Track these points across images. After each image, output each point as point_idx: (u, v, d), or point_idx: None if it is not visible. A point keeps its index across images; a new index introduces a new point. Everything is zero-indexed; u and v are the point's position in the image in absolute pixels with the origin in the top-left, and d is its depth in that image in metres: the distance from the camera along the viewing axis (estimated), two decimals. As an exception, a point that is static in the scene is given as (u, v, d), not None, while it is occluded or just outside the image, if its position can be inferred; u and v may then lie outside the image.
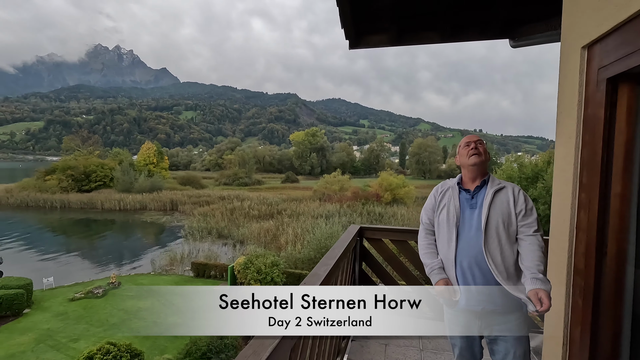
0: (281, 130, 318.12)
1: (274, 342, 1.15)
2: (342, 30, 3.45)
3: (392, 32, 3.33)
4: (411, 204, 39.51)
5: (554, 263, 1.81)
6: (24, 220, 37.85)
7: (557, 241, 1.78)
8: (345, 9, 3.13)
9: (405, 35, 3.28)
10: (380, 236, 3.11)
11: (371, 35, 3.49)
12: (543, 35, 2.85)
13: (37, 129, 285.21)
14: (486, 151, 1.88)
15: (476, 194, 1.84)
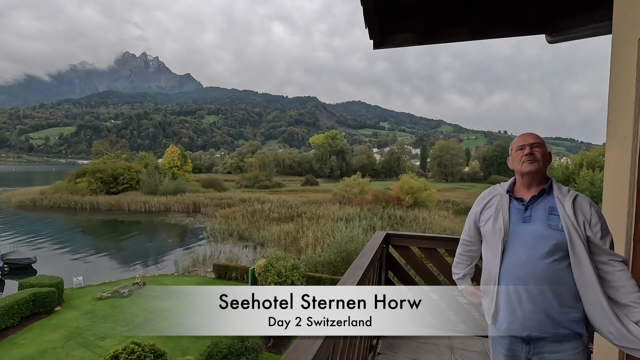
0: (301, 133, 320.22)
1: (318, 342, 1.07)
2: (366, 30, 3.35)
3: (419, 31, 3.20)
4: (433, 208, 38.72)
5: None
6: (56, 220, 39.63)
7: (610, 255, 1.60)
8: (369, 7, 3.03)
9: (432, 34, 3.14)
10: (407, 243, 2.98)
11: (396, 34, 3.37)
12: (586, 29, 2.65)
13: (69, 133, 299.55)
14: (546, 155, 1.58)
15: (531, 206, 1.57)
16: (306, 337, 1.14)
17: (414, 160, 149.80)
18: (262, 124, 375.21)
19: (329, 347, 1.17)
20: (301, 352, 1.01)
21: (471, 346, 2.79)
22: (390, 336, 2.82)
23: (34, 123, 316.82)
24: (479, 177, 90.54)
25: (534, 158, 1.55)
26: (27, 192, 54.52)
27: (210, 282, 18.10)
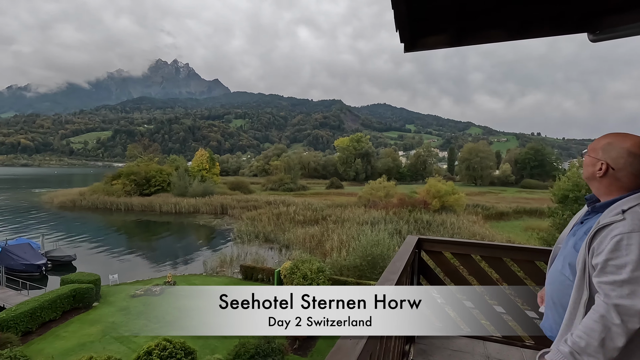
0: (326, 136, 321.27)
1: (360, 344, 1.08)
2: (397, 33, 3.34)
3: (452, 32, 3.14)
4: (461, 212, 37.62)
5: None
6: (93, 220, 41.79)
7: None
8: (401, 10, 3.02)
9: (466, 35, 3.07)
10: (441, 249, 2.92)
11: (428, 36, 3.33)
12: (634, 26, 2.50)
13: (106, 138, 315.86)
14: (587, 163, 1.43)
15: (587, 219, 1.47)
16: (348, 337, 1.15)
17: (441, 164, 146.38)
18: (287, 127, 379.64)
19: (369, 350, 1.18)
20: (343, 355, 1.02)
21: (508, 356, 2.69)
22: (423, 342, 2.78)
23: (74, 128, 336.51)
24: (511, 181, 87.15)
25: (584, 164, 1.47)
26: (68, 193, 57.91)
27: (237, 282, 18.46)
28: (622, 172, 1.32)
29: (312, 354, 11.60)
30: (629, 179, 1.32)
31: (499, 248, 2.82)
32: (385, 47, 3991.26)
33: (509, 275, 2.73)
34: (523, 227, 32.87)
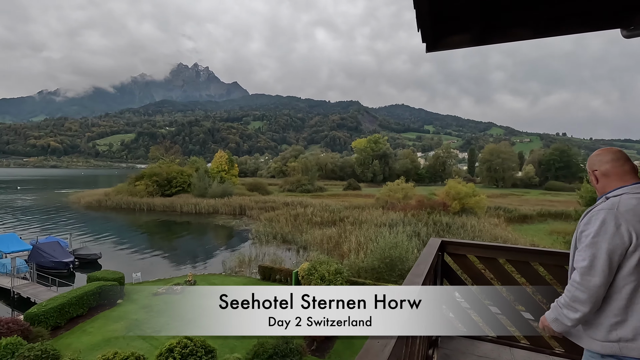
0: (343, 138, 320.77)
1: (389, 346, 1.07)
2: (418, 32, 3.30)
3: (476, 31, 3.08)
4: (483, 215, 36.73)
5: None
6: (117, 220, 43.17)
7: None
8: (422, 9, 2.98)
9: (490, 33, 3.00)
10: (465, 252, 2.86)
11: (451, 36, 3.28)
12: (673, 21, 2.38)
13: (129, 140, 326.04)
14: (595, 175, 1.76)
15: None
16: (376, 338, 1.14)
17: (461, 165, 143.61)
18: (304, 128, 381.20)
19: (397, 354, 1.16)
20: (372, 358, 1.01)
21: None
22: (447, 347, 2.72)
23: (100, 131, 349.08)
24: (534, 183, 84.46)
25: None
26: (94, 194, 60.11)
27: (255, 282, 18.64)
28: (606, 175, 1.69)
29: (329, 356, 11.57)
30: (609, 179, 1.68)
31: (526, 252, 2.74)
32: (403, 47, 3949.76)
33: (537, 280, 2.64)
34: (548, 230, 31.77)
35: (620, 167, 1.66)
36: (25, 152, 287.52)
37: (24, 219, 41.51)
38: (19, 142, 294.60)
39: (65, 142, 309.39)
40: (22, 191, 76.56)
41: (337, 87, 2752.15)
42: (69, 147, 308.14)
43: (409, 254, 18.50)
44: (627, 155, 1.72)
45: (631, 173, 1.65)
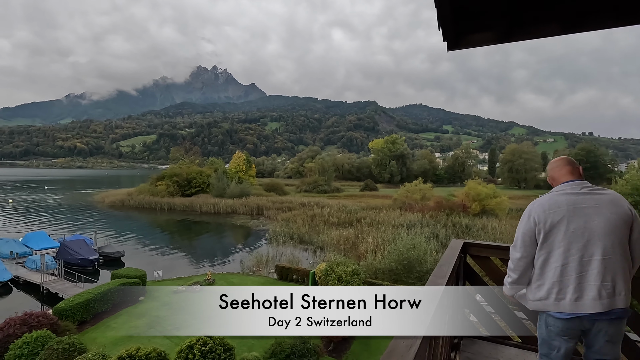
0: (360, 138, 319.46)
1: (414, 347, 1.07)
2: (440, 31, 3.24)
3: (500, 28, 3.01)
4: (504, 217, 35.76)
5: None
6: (139, 219, 44.39)
7: None
8: (444, 7, 2.94)
9: (515, 30, 2.92)
10: (488, 254, 2.79)
11: (473, 34, 3.21)
12: None
13: (151, 141, 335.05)
14: (549, 179, 2.28)
15: None
16: (400, 338, 1.13)
17: (481, 165, 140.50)
18: (321, 129, 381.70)
19: (422, 355, 1.15)
20: (398, 358, 1.00)
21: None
22: (470, 351, 2.66)
23: (123, 132, 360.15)
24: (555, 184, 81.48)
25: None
26: (117, 194, 62.03)
27: (273, 282, 18.78)
28: (553, 179, 2.20)
29: (346, 357, 11.53)
30: (555, 182, 2.17)
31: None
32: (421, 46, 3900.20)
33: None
34: (573, 233, 30.58)
35: (559, 171, 2.13)
36: (54, 153, 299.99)
37: (52, 218, 43.27)
38: (47, 144, 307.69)
39: (90, 143, 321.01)
40: (50, 191, 79.81)
41: (354, 87, 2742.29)
42: (94, 148, 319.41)
43: (427, 256, 18.22)
44: (570, 160, 2.13)
45: (567, 175, 2.08)
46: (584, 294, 1.81)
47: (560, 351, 1.94)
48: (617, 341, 1.88)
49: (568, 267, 1.85)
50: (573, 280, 1.84)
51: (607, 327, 1.84)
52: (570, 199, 1.94)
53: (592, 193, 1.94)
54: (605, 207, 1.87)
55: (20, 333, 10.22)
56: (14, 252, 22.97)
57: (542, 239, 1.94)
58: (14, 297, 18.19)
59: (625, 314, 1.84)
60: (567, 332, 1.89)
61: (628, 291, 1.82)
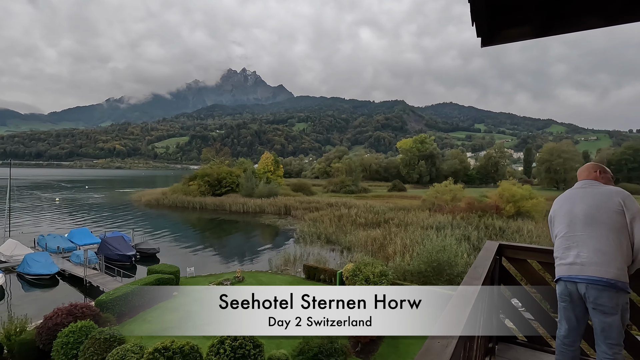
0: (388, 138, 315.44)
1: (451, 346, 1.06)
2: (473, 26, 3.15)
3: (538, 22, 2.88)
4: (540, 219, 34.03)
5: None
6: (173, 218, 46.19)
7: None
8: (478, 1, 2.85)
9: (555, 23, 2.79)
10: (525, 256, 2.68)
11: (509, 28, 3.09)
12: None
13: (183, 142, 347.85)
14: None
15: None
16: (436, 338, 1.12)
17: (516, 165, 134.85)
18: (348, 129, 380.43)
19: (457, 355, 1.13)
20: (434, 357, 0.99)
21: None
22: (505, 356, 2.57)
23: (158, 134, 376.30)
24: (597, 185, 76.37)
25: None
26: (152, 193, 64.86)
27: (300, 282, 18.94)
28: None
29: (374, 358, 11.42)
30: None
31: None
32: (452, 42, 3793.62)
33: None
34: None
35: (579, 175, 2.66)
36: (95, 154, 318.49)
37: (94, 215, 45.94)
38: (89, 146, 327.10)
39: (128, 145, 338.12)
40: (91, 190, 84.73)
41: (382, 86, 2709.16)
42: (132, 149, 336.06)
43: (458, 258, 17.71)
44: (590, 166, 2.62)
45: (581, 177, 2.61)
46: (566, 261, 2.33)
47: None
48: (602, 311, 2.17)
49: (560, 240, 2.43)
50: (562, 250, 2.38)
51: (587, 291, 2.21)
52: (569, 192, 2.59)
53: (587, 188, 2.48)
54: (592, 196, 2.39)
55: (66, 322, 10.94)
56: (60, 247, 24.61)
57: (551, 224, 2.63)
58: (60, 289, 19.47)
59: (602, 283, 2.16)
60: (561, 297, 2.35)
61: (607, 265, 2.18)
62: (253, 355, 8.98)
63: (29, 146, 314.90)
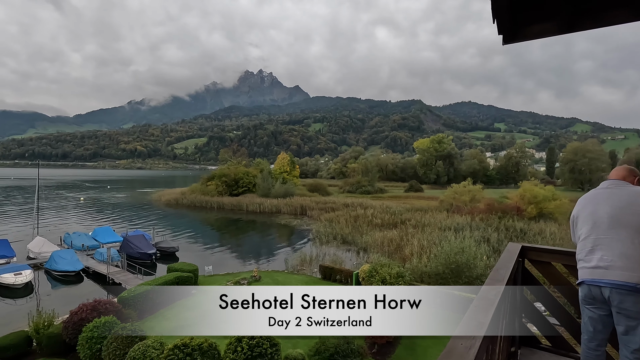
0: (404, 138, 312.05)
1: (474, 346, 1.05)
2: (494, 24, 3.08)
3: (563, 17, 2.79)
4: (564, 221, 32.91)
5: None
6: (191, 217, 47.09)
7: None
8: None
9: (581, 19, 2.69)
10: (549, 259, 2.60)
11: (532, 25, 3.01)
12: None
13: (202, 143, 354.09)
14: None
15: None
16: (459, 338, 1.10)
17: (538, 166, 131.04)
18: (364, 129, 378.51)
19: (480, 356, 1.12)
20: (457, 358, 0.98)
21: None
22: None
23: (177, 135, 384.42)
24: (627, 186, 73.21)
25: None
26: (172, 193, 66.31)
27: (317, 281, 18.97)
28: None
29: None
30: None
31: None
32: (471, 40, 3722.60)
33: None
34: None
35: (611, 174, 2.58)
36: (117, 155, 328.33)
37: (116, 214, 47.34)
38: (112, 147, 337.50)
39: (149, 146, 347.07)
40: (113, 190, 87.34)
41: (398, 86, 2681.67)
42: (152, 150, 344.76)
43: (477, 261, 17.35)
44: (620, 169, 2.55)
45: (611, 176, 2.55)
46: (589, 264, 2.24)
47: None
48: (626, 315, 2.10)
49: (583, 242, 2.32)
50: (586, 253, 2.29)
51: (611, 295, 2.14)
52: (593, 192, 2.48)
53: (612, 188, 2.39)
54: (617, 198, 2.30)
55: (91, 317, 11.32)
56: (85, 245, 25.48)
57: (574, 225, 2.50)
58: (84, 285, 20.17)
59: (627, 288, 2.08)
60: (585, 300, 2.28)
61: (632, 269, 2.09)
62: (270, 354, 9.06)
63: (56, 147, 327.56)
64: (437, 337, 12.55)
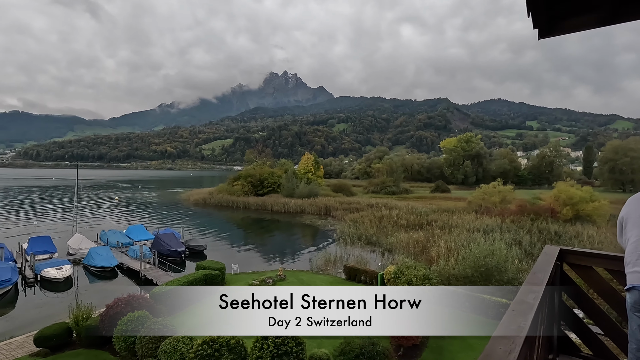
0: (430, 138, 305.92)
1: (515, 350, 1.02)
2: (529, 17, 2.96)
3: (604, 9, 2.63)
4: (603, 224, 31.11)
5: None
6: (218, 216, 48.26)
7: None
8: (536, -8, 2.66)
9: (626, 9, 2.53)
10: (591, 263, 2.46)
11: (571, 17, 2.87)
12: None
13: (228, 144, 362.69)
14: None
15: None
16: (498, 339, 1.07)
17: (574, 165, 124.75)
18: (389, 129, 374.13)
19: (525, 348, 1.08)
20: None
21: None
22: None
23: (205, 137, 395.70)
24: (676, 187, 68.38)
25: None
26: (200, 193, 68.24)
27: (341, 282, 18.93)
28: None
29: (417, 364, 11.12)
30: None
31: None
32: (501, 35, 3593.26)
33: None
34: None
35: None
36: (149, 156, 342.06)
37: (148, 213, 49.29)
38: (144, 148, 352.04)
39: (178, 147, 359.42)
40: (144, 190, 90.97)
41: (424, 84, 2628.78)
42: (181, 152, 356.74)
43: (508, 264, 16.72)
44: None
45: None
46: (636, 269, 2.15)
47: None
48: None
49: (634, 245, 2.21)
50: (637, 257, 2.17)
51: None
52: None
53: None
54: None
55: (125, 312, 11.84)
56: (119, 242, 26.70)
57: (622, 227, 2.39)
58: (119, 281, 21.13)
59: None
60: (635, 306, 2.14)
61: None
62: (295, 352, 9.13)
63: (92, 149, 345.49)
64: (465, 341, 12.19)
